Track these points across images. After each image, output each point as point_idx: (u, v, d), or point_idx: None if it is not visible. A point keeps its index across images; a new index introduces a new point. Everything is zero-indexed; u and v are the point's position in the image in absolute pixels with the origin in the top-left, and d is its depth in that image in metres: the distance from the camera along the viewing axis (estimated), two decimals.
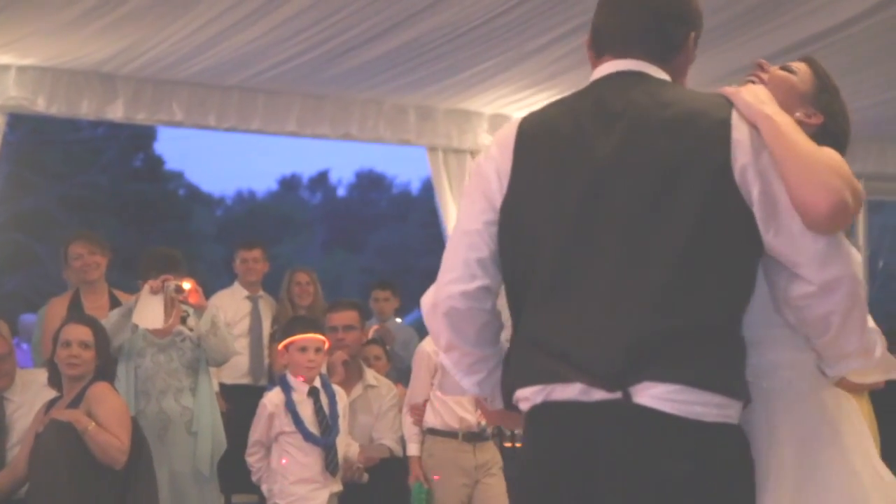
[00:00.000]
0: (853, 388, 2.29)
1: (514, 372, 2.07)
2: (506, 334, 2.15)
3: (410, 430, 4.97)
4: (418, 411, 4.93)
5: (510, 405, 2.11)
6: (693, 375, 1.87)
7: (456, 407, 4.83)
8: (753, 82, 2.21)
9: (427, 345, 4.96)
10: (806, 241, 1.90)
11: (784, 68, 2.27)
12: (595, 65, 2.13)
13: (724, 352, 1.92)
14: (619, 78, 2.06)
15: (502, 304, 2.12)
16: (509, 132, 2.11)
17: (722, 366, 1.91)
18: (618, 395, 1.88)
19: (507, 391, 2.10)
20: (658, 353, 1.88)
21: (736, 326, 1.96)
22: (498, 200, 2.06)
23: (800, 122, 2.06)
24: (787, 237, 1.92)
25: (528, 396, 2.01)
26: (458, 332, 2.09)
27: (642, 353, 1.88)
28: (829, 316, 1.94)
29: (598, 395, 1.90)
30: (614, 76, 2.07)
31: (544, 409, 1.98)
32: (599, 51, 2.13)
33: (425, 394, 4.91)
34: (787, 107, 2.04)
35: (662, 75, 2.06)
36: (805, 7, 5.61)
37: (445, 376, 2.20)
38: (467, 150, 7.73)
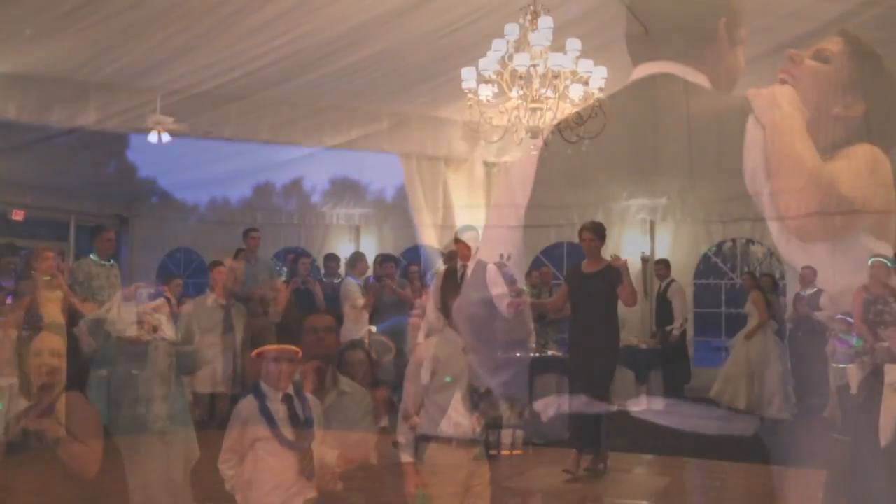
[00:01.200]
0: None
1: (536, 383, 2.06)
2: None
3: (406, 436, 4.94)
4: (413, 417, 4.90)
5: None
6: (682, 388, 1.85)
7: (451, 412, 4.79)
8: (785, 80, 2.18)
9: (421, 349, 4.94)
10: (815, 248, 1.87)
11: (818, 56, 2.24)
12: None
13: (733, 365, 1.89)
14: (645, 83, 2.06)
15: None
16: (540, 141, 2.11)
17: (728, 380, 1.88)
18: (613, 408, 1.87)
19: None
20: (658, 367, 1.87)
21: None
22: (522, 206, 2.07)
23: (840, 118, 2.04)
24: (796, 244, 1.89)
25: (543, 409, 2.00)
26: (479, 336, 2.08)
27: (641, 366, 1.88)
28: (857, 318, 1.90)
29: (600, 408, 1.89)
30: (641, 81, 2.07)
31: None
32: (634, 59, 2.14)
33: (419, 400, 4.89)
34: (825, 102, 2.01)
35: (692, 75, 2.06)
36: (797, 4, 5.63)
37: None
38: (441, 157, 7.75)
